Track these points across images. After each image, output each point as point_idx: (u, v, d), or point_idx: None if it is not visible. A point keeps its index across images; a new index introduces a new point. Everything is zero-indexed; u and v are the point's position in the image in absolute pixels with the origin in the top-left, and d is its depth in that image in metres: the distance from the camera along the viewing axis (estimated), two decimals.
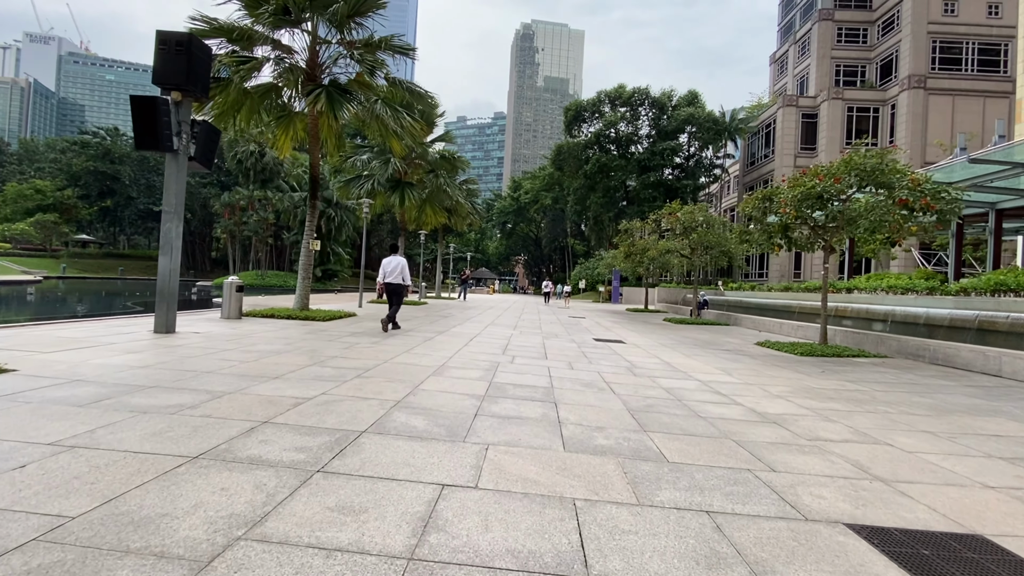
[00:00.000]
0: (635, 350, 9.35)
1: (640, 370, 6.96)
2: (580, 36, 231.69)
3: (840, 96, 40.96)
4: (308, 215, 11.75)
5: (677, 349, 9.92)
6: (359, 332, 9.07)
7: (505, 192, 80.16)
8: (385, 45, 11.66)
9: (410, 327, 10.66)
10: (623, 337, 11.73)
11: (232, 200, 47.19)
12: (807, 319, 16.37)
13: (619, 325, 15.42)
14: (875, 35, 43.77)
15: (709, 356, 9.05)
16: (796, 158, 42.51)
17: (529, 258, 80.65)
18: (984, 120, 36.68)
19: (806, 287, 20.80)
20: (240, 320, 9.95)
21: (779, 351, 10.41)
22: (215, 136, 8.12)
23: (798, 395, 5.78)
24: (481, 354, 7.32)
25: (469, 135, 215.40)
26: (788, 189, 9.96)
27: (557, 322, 15.17)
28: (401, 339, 8.51)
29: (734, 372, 7.26)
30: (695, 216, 17.01)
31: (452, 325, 11.81)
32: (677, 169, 49.41)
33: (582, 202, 50.39)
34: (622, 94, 48.99)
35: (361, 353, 6.60)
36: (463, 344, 8.34)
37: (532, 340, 9.78)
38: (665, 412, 4.53)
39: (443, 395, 4.52)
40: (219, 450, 2.78)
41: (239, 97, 11.39)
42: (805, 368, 8.11)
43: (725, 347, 10.82)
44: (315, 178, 11.92)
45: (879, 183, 8.72)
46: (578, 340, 10.46)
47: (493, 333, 10.59)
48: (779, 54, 52.91)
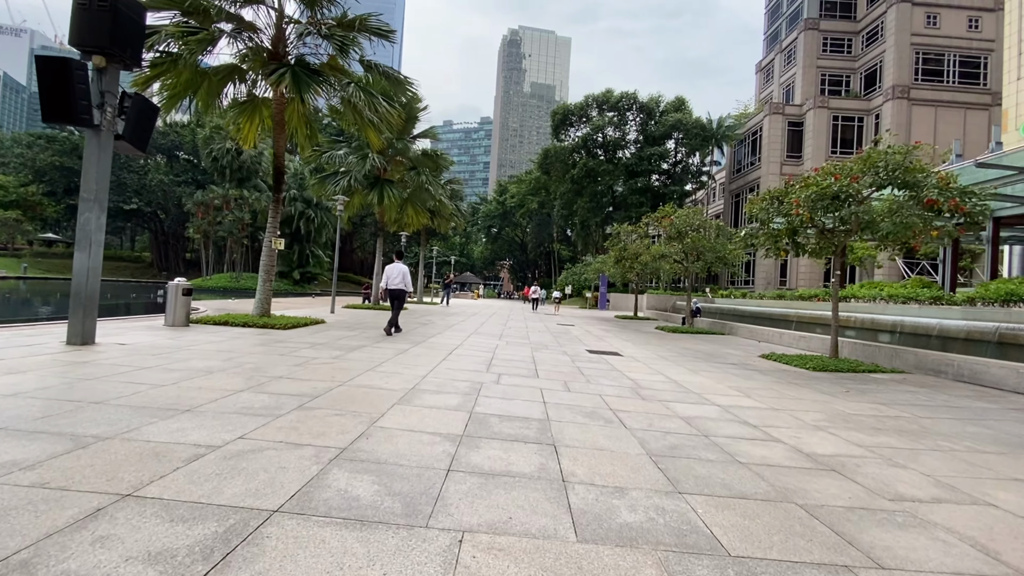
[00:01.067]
0: (635, 364, 8.36)
1: (647, 391, 5.96)
2: (567, 43, 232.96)
3: (826, 105, 41.04)
4: (271, 210, 10.54)
5: (679, 363, 8.96)
6: (321, 343, 7.90)
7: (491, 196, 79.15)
8: (360, 25, 10.57)
9: (383, 337, 9.52)
10: (618, 348, 10.75)
11: (206, 199, 45.24)
12: (807, 329, 15.64)
13: (611, 334, 14.47)
14: (859, 45, 44.07)
15: (717, 372, 8.10)
16: (782, 166, 42.47)
17: (515, 263, 79.75)
18: (965, 131, 36.96)
19: (800, 295, 20.19)
20: (186, 328, 8.70)
21: (788, 365, 9.54)
22: (151, 114, 6.92)
23: (837, 424, 4.84)
24: (461, 372, 6.23)
25: (455, 139, 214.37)
26: (800, 189, 9.13)
27: (545, 330, 14.15)
28: (369, 352, 7.37)
29: (752, 393, 6.30)
30: (691, 219, 16.19)
31: (431, 334, 10.70)
32: (664, 175, 49.10)
33: (569, 207, 49.66)
34: (610, 98, 48.53)
35: (315, 372, 5.46)
36: (441, 358, 7.24)
37: (520, 352, 8.72)
38: (695, 456, 3.52)
39: (407, 436, 3.43)
40: (8, 565, 1.67)
41: (193, 77, 10.16)
42: (824, 386, 7.22)
43: (729, 360, 9.91)
44: (279, 170, 10.72)
45: (903, 182, 7.91)
46: (570, 352, 9.44)
47: (476, 344, 9.50)
48: (765, 63, 53.12)
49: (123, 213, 64.49)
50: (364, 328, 10.79)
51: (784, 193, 9.63)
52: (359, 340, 8.60)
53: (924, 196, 7.50)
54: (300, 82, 9.21)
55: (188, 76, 10.08)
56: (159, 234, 69.79)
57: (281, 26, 10.45)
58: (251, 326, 9.33)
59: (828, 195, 8.57)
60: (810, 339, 12.80)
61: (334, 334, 9.21)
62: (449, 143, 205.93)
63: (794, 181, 9.91)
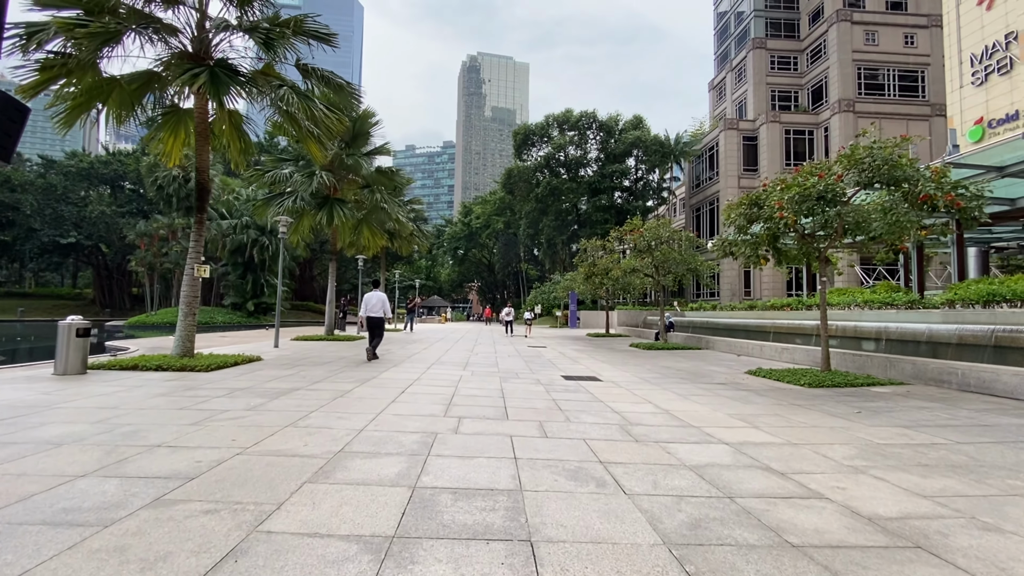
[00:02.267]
0: (616, 391, 7.33)
1: (639, 429, 4.92)
2: (525, 69, 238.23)
3: (777, 119, 42.33)
4: (193, 232, 9.12)
5: (664, 386, 8.00)
6: (242, 389, 6.53)
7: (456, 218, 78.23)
8: (296, 27, 9.48)
9: (326, 374, 8.19)
10: (595, 371, 9.73)
11: (150, 229, 42.35)
12: (785, 339, 15.10)
13: (585, 354, 13.48)
14: (805, 63, 45.97)
15: (707, 395, 7.16)
16: (740, 179, 43.39)
17: (483, 284, 78.66)
18: None
19: (772, 304, 19.87)
20: (80, 377, 7.15)
21: (780, 382, 8.73)
22: (18, 116, 5.56)
23: (875, 462, 3.91)
24: (412, 419, 5.03)
25: (419, 163, 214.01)
26: (781, 191, 8.47)
27: (516, 355, 13.02)
28: (300, 397, 6.07)
29: (758, 422, 5.35)
30: (659, 232, 15.57)
31: (385, 367, 9.41)
32: (626, 192, 49.53)
33: (535, 225, 49.23)
34: (570, 118, 48.87)
35: (211, 434, 4.16)
36: (390, 400, 6.00)
37: (487, 385, 7.56)
38: (730, 540, 2.46)
39: (303, 551, 2.23)
40: None
41: (99, 84, 8.80)
42: (830, 406, 6.37)
43: (716, 379, 9.03)
44: (203, 185, 9.35)
45: (891, 179, 7.32)
46: (544, 379, 8.35)
47: (437, 377, 8.28)
48: (717, 81, 54.88)
49: (60, 248, 60.15)
50: (305, 365, 9.40)
51: (763, 197, 8.98)
52: (293, 381, 7.25)
53: (920, 191, 6.90)
54: (219, 83, 7.99)
55: (91, 82, 8.72)
56: (102, 269, 65.41)
57: (204, 26, 9.24)
58: (166, 369, 7.84)
59: (812, 196, 7.92)
60: (793, 351, 12.16)
61: (265, 375, 7.82)
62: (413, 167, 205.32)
63: (771, 184, 9.30)
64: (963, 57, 26.09)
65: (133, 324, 39.99)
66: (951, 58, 26.94)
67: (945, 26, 27.37)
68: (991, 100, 24.40)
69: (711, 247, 10.45)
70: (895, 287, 19.81)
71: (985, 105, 24.18)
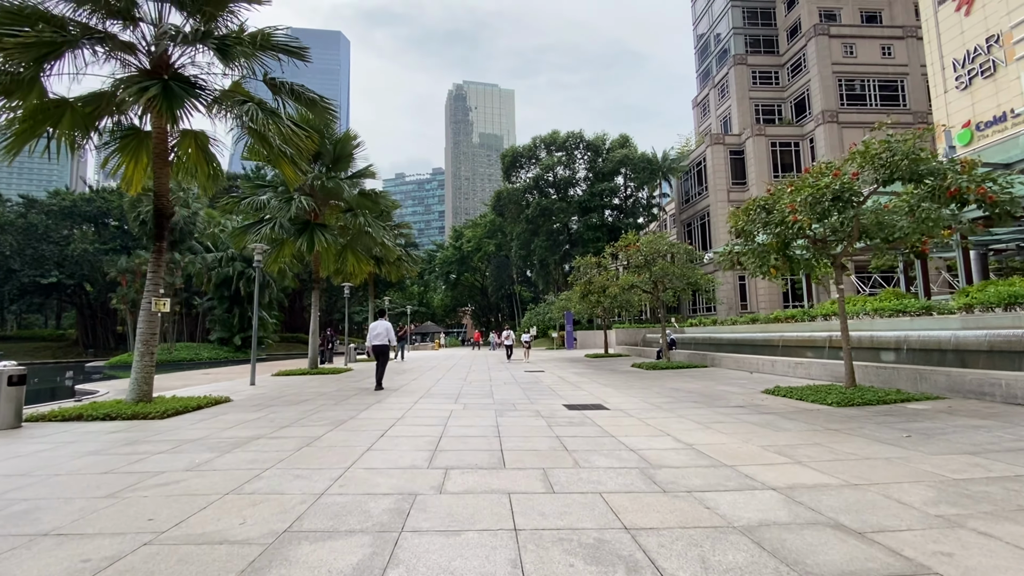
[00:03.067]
0: (627, 422, 6.48)
1: (664, 473, 4.07)
2: (510, 95, 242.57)
3: (763, 133, 42.58)
4: (151, 262, 8.28)
5: (678, 412, 7.16)
6: (193, 440, 5.61)
7: (447, 242, 77.74)
8: (262, 41, 8.86)
9: (298, 416, 7.26)
10: (600, 397, 8.87)
11: (131, 265, 41.26)
12: (795, 353, 14.33)
13: (586, 378, 12.61)
14: (786, 77, 46.58)
15: (731, 422, 6.33)
16: (729, 192, 43.39)
17: (476, 308, 77.78)
18: None
19: (775, 317, 19.21)
20: (12, 431, 6.19)
21: (804, 401, 7.92)
22: None
23: (971, 511, 3.09)
24: (387, 475, 4.15)
25: (409, 191, 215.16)
26: (792, 192, 7.83)
27: (512, 382, 12.12)
28: (257, 449, 5.16)
29: (799, 455, 4.52)
30: (657, 245, 14.92)
31: (367, 404, 8.49)
32: (616, 210, 49.39)
33: (526, 247, 48.75)
34: (556, 139, 48.98)
35: (124, 511, 3.25)
36: (365, 447, 5.11)
37: (480, 421, 6.67)
38: None
39: None
40: None
41: (46, 106, 8.08)
42: (871, 429, 5.57)
43: (733, 401, 8.20)
44: (161, 211, 8.55)
45: (914, 174, 6.69)
46: (545, 410, 7.47)
47: (424, 414, 7.38)
48: (700, 98, 55.54)
49: (41, 288, 58.70)
50: (278, 405, 8.46)
51: (771, 201, 8.33)
52: (256, 427, 6.32)
53: (948, 185, 6.25)
54: (172, 97, 7.28)
55: (36, 104, 7.99)
56: (85, 309, 63.86)
57: (162, 43, 8.58)
58: (115, 418, 6.89)
59: (826, 196, 7.27)
60: (808, 366, 11.36)
61: (227, 420, 6.88)
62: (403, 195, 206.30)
63: (778, 187, 8.67)
64: (945, 63, 26.22)
65: (114, 364, 38.53)
66: (933, 64, 27.09)
67: (924, 33, 27.63)
68: (977, 103, 24.36)
69: (716, 258, 9.75)
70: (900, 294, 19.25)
71: (972, 108, 24.13)
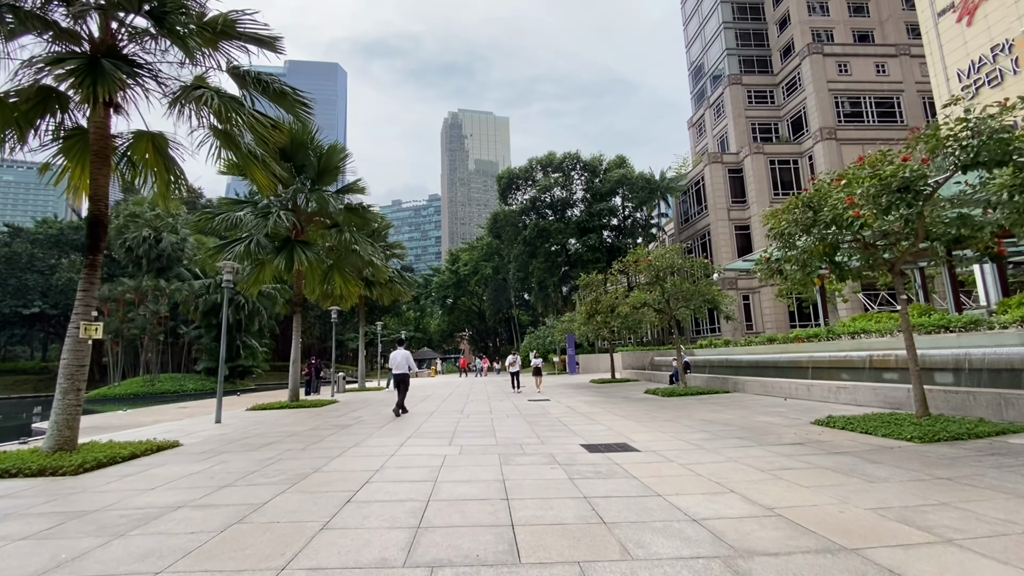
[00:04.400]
0: (669, 470, 5.05)
1: (761, 565, 2.66)
2: (505, 123, 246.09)
3: (761, 151, 42.15)
4: (82, 282, 6.88)
5: (727, 453, 5.74)
6: (88, 513, 4.13)
7: (443, 266, 76.54)
8: (223, 25, 7.73)
9: (251, 468, 5.79)
10: (623, 433, 7.43)
11: (115, 293, 39.69)
12: (829, 375, 12.91)
13: (599, 407, 11.14)
14: (781, 96, 46.50)
15: (803, 468, 4.92)
16: (729, 211, 42.68)
17: (474, 333, 76.11)
18: None
19: (794, 336, 17.88)
20: None
21: (873, 435, 6.52)
22: None
23: None
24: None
25: (406, 217, 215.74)
26: (846, 186, 6.60)
27: (516, 413, 10.64)
28: (166, 530, 3.70)
29: (935, 524, 3.13)
30: (672, 259, 13.66)
31: (343, 447, 7.01)
32: (614, 230, 48.55)
33: (524, 269, 47.56)
34: (553, 160, 48.48)
35: None
36: (320, 524, 3.65)
37: (481, 473, 5.21)
38: None
39: None
40: None
41: None
42: (996, 478, 4.19)
43: (783, 436, 6.78)
44: (97, 218, 7.19)
45: (1003, 155, 5.48)
46: (561, 453, 6.03)
47: (410, 462, 5.91)
48: (696, 118, 55.50)
49: (24, 319, 56.83)
50: (233, 452, 6.96)
51: (818, 196, 7.09)
52: (188, 489, 4.83)
53: None
54: (101, 75, 6.03)
55: None
56: None
57: (108, 27, 7.42)
58: (17, 474, 5.41)
59: (893, 186, 6.05)
60: (852, 390, 9.96)
61: (158, 476, 5.40)
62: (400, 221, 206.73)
63: (819, 181, 7.45)
64: (949, 74, 25.67)
65: (93, 398, 36.58)
66: (936, 76, 26.55)
67: (925, 46, 27.22)
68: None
69: (754, 268, 8.45)
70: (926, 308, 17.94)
71: None
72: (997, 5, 22.73)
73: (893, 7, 44.63)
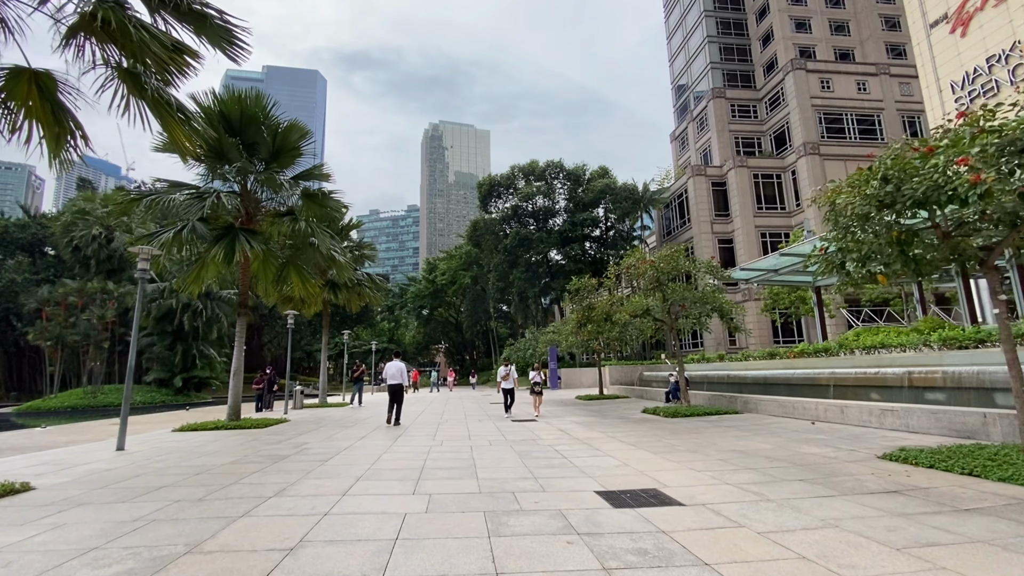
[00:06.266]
0: (750, 545, 3.24)
1: None
2: (486, 136, 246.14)
3: (744, 164, 41.66)
4: None
5: (812, 511, 3.98)
6: None
7: (420, 275, 74.06)
8: None
9: (107, 535, 3.75)
10: (644, 470, 5.61)
11: (55, 296, 36.12)
12: (854, 394, 11.41)
13: (597, 431, 9.31)
14: (763, 111, 46.39)
15: (947, 542, 3.18)
16: (712, 224, 41.90)
17: (450, 345, 73.65)
18: None
19: (800, 351, 16.44)
20: None
21: (988, 479, 4.86)
22: None
23: None
24: None
25: (383, 227, 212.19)
26: (949, 147, 5.03)
27: (501, 441, 8.70)
28: None
29: None
30: (676, 263, 12.04)
31: (255, 500, 4.96)
32: (596, 242, 47.33)
33: (504, 278, 45.75)
34: (535, 168, 47.17)
35: None
36: None
37: (457, 558, 3.30)
38: None
39: None
40: None
41: None
42: None
43: (863, 481, 5.07)
44: None
45: None
46: (574, 510, 4.17)
47: (347, 532, 3.93)
48: (678, 132, 55.19)
49: None
50: (105, 502, 4.84)
51: (897, 166, 5.50)
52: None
53: None
54: None
55: None
56: (10, 346, 56.92)
57: None
58: None
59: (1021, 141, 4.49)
60: (903, 414, 8.38)
61: None
62: (377, 231, 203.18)
63: (896, 148, 5.88)
64: (942, 85, 25.25)
65: (25, 411, 32.86)
66: (928, 87, 26.14)
67: (917, 57, 26.81)
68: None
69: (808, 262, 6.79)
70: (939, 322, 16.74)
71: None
72: (993, 15, 22.33)
73: (873, 27, 45.17)
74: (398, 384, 11.69)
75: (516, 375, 14.15)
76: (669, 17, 57.21)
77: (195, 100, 11.46)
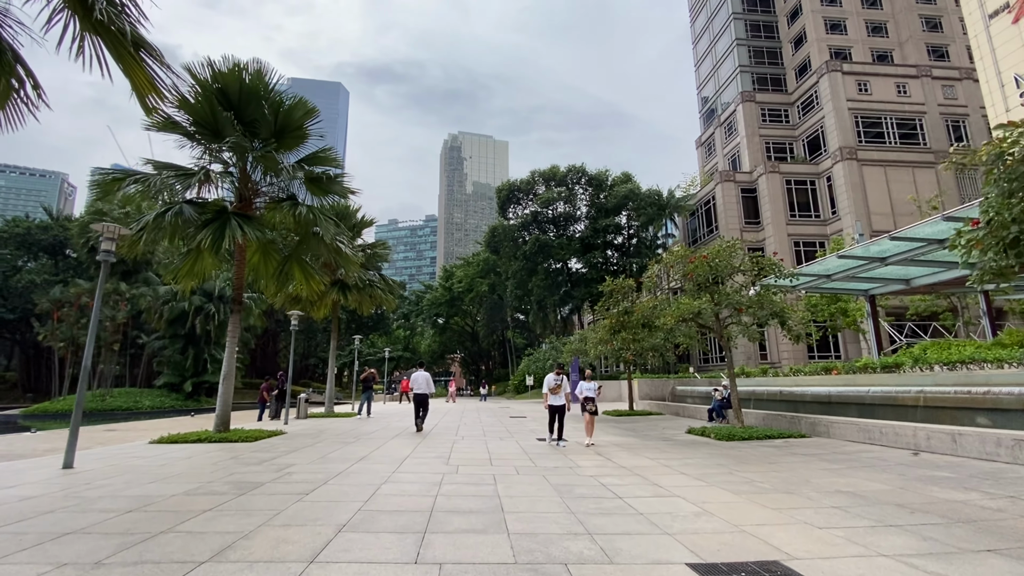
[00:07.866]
0: None
1: None
2: (504, 147, 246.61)
3: (776, 170, 39.57)
4: None
5: None
6: None
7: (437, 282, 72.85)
8: None
9: None
10: (738, 523, 3.95)
11: (68, 296, 35.73)
12: (952, 418, 9.51)
13: (645, 458, 7.62)
14: (796, 115, 44.35)
15: None
16: (742, 232, 39.73)
17: (466, 354, 72.11)
18: (916, 188, 35.68)
19: (864, 364, 14.54)
20: None
21: None
22: None
23: None
24: None
25: (402, 236, 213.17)
26: None
27: (530, 468, 7.07)
28: None
29: None
30: (731, 259, 10.33)
31: (184, 565, 3.46)
32: (618, 250, 45.47)
33: (523, 286, 44.17)
34: (556, 173, 45.70)
35: None
36: None
37: None
38: None
39: None
40: None
41: None
42: None
43: None
44: None
45: None
46: None
47: None
48: (705, 137, 53.37)
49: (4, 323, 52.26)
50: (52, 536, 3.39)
51: None
52: None
53: None
54: None
55: None
56: (29, 347, 57.20)
57: None
58: None
59: None
60: None
61: None
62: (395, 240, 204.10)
63: None
64: (1004, 79, 23.14)
65: (32, 413, 32.22)
66: (988, 82, 24.02)
67: (975, 50, 24.77)
68: None
69: (959, 240, 5.07)
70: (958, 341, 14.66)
71: None
72: None
73: (913, 28, 42.99)
74: (423, 394, 12.47)
75: (569, 388, 10.05)
76: (695, 21, 55.72)
77: (190, 72, 10.30)
